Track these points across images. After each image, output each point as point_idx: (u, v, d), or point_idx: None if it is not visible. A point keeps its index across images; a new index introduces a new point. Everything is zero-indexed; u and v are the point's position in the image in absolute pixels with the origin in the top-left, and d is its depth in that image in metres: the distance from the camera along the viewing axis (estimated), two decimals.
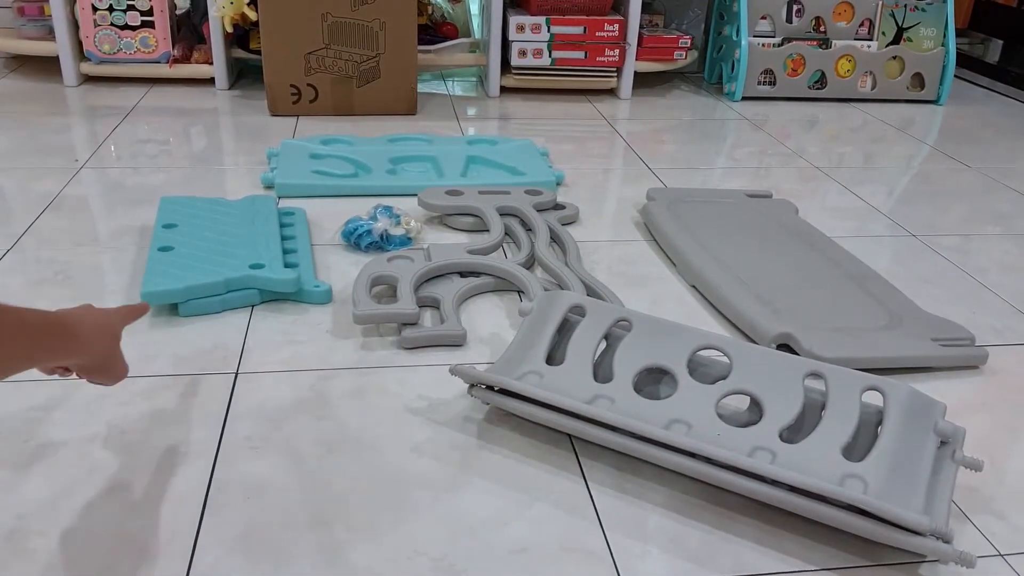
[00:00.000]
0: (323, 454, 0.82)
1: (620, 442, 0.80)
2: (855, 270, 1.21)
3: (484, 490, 0.79)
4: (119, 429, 0.84)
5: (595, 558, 0.72)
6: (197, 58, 2.02)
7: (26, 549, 0.70)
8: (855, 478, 0.74)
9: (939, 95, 2.26)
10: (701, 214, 1.36)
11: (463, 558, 0.71)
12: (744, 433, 0.80)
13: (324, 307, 1.09)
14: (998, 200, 1.61)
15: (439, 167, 1.53)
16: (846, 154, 1.83)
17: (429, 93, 2.13)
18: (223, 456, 0.81)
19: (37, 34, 2.00)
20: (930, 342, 1.03)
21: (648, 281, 1.21)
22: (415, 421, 0.88)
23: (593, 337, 0.92)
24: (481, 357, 1.00)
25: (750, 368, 0.86)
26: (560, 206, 1.40)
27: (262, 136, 1.73)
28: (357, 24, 1.81)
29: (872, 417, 0.82)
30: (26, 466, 0.79)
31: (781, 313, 1.07)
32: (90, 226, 1.29)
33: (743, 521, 0.77)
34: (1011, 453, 0.88)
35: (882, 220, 1.48)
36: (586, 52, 2.08)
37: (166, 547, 0.70)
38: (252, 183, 1.48)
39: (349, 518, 0.75)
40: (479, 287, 1.14)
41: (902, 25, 2.23)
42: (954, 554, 0.69)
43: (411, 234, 1.26)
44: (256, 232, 1.19)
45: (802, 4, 2.18)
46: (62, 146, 1.62)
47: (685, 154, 1.78)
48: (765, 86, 2.20)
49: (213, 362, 0.96)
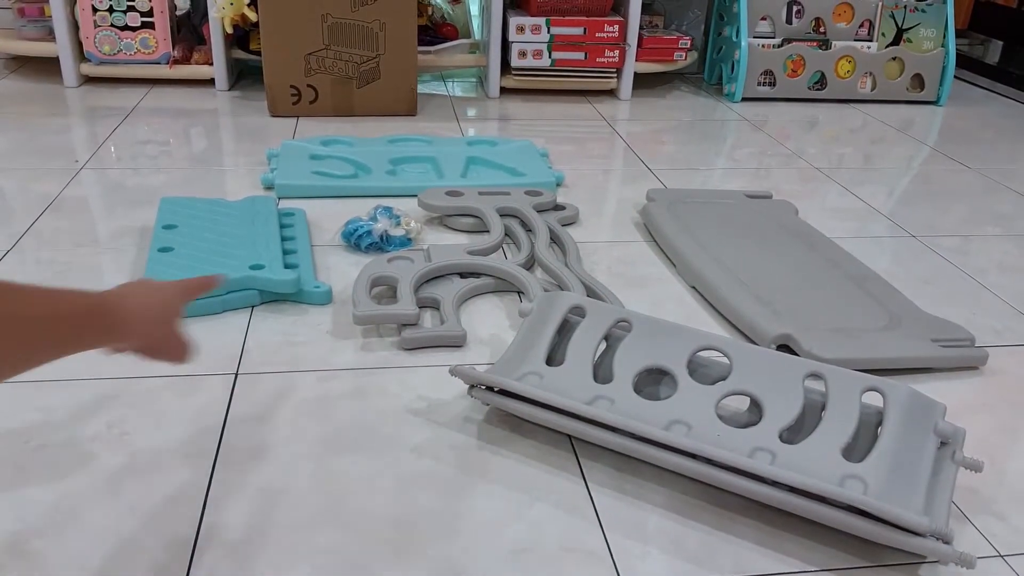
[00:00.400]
0: (323, 455, 0.82)
1: (620, 443, 0.80)
2: (855, 271, 1.21)
3: (484, 491, 0.79)
4: (119, 430, 0.84)
5: (595, 559, 0.72)
6: (197, 59, 2.02)
7: (26, 550, 0.69)
8: (855, 479, 0.74)
9: (939, 96, 2.26)
10: (701, 215, 1.36)
11: (463, 558, 0.71)
12: (744, 434, 0.80)
13: (324, 308, 1.09)
14: (998, 201, 1.61)
15: (439, 168, 1.53)
16: (846, 155, 1.83)
17: (429, 94, 2.13)
18: (223, 457, 0.81)
19: (37, 35, 2.01)
20: (930, 343, 1.03)
21: (648, 282, 1.22)
22: (415, 422, 0.88)
23: (593, 338, 0.92)
24: (481, 358, 1.00)
25: (750, 369, 0.86)
26: (560, 207, 1.40)
27: (262, 137, 1.73)
28: (357, 25, 1.81)
29: (872, 418, 0.82)
30: (26, 467, 0.79)
31: (781, 314, 1.07)
32: (90, 227, 1.29)
33: (743, 522, 0.77)
34: (1011, 454, 0.88)
35: (882, 221, 1.48)
36: (586, 53, 2.08)
37: (166, 548, 0.70)
38: (252, 184, 1.48)
39: (349, 519, 0.75)
40: (479, 288, 1.14)
41: (902, 26, 2.23)
42: (954, 555, 0.69)
43: (411, 235, 1.26)
44: (256, 233, 1.19)
45: (802, 5, 2.18)
46: (62, 147, 1.62)
47: (685, 155, 1.78)
48: (765, 87, 2.20)
49: (213, 363, 0.96)
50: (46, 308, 0.53)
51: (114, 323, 0.61)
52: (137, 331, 0.64)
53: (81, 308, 0.57)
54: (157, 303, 0.66)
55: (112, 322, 0.60)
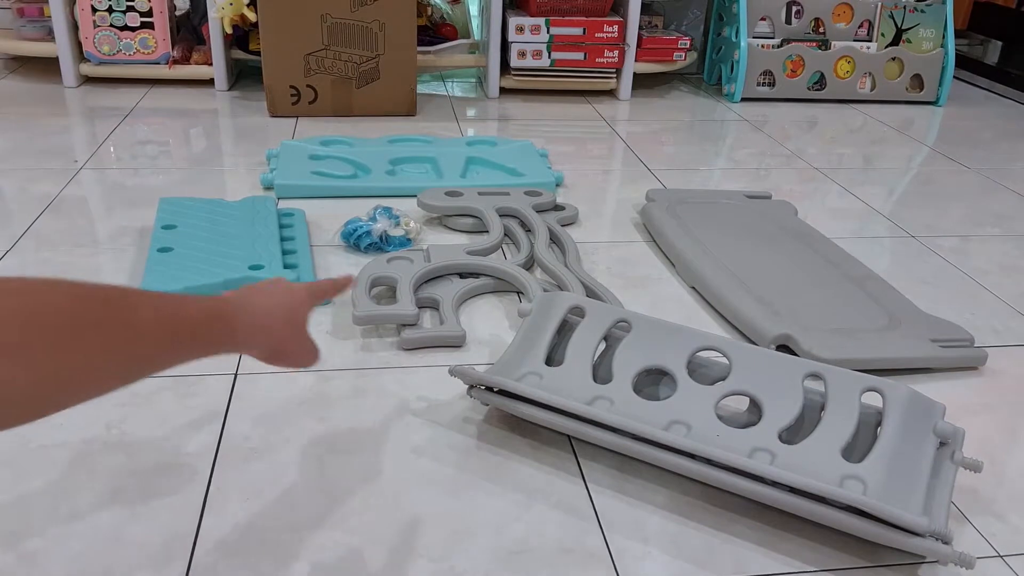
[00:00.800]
0: (322, 455, 0.82)
1: (619, 443, 0.80)
2: (854, 271, 1.21)
3: (483, 491, 0.79)
4: (119, 431, 0.84)
5: (594, 559, 0.72)
6: (196, 59, 2.02)
7: (26, 551, 0.69)
8: (854, 479, 0.74)
9: (938, 96, 2.26)
10: (700, 215, 1.36)
11: (462, 559, 0.71)
12: (743, 434, 0.80)
13: (323, 308, 1.09)
14: (997, 201, 1.61)
15: (438, 168, 1.53)
16: (845, 155, 1.83)
17: (428, 94, 2.13)
18: (222, 457, 0.81)
19: (37, 35, 2.00)
20: (929, 343, 1.03)
21: (647, 282, 1.22)
22: (414, 422, 0.88)
23: (592, 338, 0.92)
24: (480, 358, 1.00)
25: (749, 369, 0.86)
26: (559, 207, 1.40)
27: (261, 137, 1.73)
28: (357, 25, 1.81)
29: (871, 418, 0.82)
30: (26, 468, 0.79)
31: (780, 314, 1.07)
32: (89, 227, 1.29)
33: (743, 522, 0.77)
34: (1010, 454, 0.88)
35: (881, 221, 1.48)
36: (585, 53, 2.08)
37: (165, 548, 0.70)
38: (251, 184, 1.48)
39: (348, 520, 0.75)
40: (478, 288, 1.14)
41: (901, 26, 2.23)
42: (953, 555, 0.69)
43: (410, 235, 1.26)
44: (255, 233, 1.19)
45: (801, 5, 2.18)
46: (61, 147, 1.62)
47: (684, 155, 1.78)
48: (764, 87, 2.20)
49: (212, 363, 0.96)
50: (166, 316, 0.52)
51: (237, 329, 0.59)
52: (261, 336, 0.62)
53: (203, 315, 0.56)
54: (283, 307, 0.65)
55: (235, 327, 0.59)
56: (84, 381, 0.47)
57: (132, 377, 0.50)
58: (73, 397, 0.47)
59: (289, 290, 0.66)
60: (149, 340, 0.50)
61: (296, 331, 0.66)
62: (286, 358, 0.67)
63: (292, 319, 0.66)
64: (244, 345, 0.61)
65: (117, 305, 0.49)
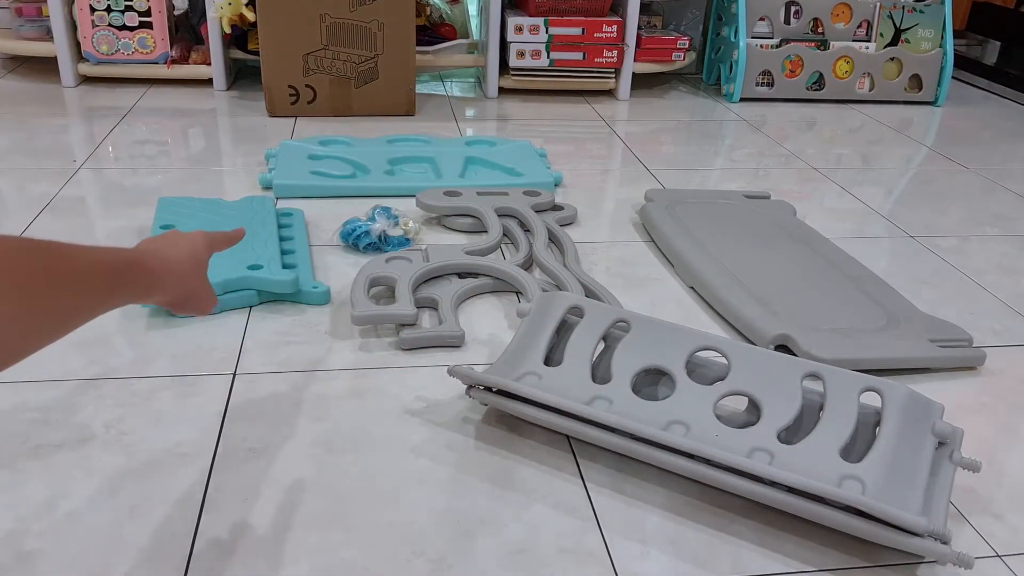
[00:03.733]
0: (321, 455, 0.82)
1: (618, 443, 0.80)
2: (853, 271, 1.21)
3: (482, 491, 0.79)
4: (117, 430, 0.84)
5: (594, 559, 0.72)
6: (195, 59, 2.02)
7: (24, 551, 0.69)
8: (853, 479, 0.74)
9: (937, 96, 2.26)
10: (699, 215, 1.36)
11: (461, 559, 0.71)
12: (742, 434, 0.80)
13: (322, 308, 1.09)
14: (996, 201, 1.61)
15: (437, 168, 1.53)
16: (844, 155, 1.83)
17: (427, 94, 2.13)
18: (221, 457, 0.81)
19: (35, 35, 2.00)
20: (928, 343, 1.03)
21: (646, 282, 1.22)
22: (413, 422, 0.88)
23: (591, 338, 0.92)
24: (479, 358, 1.00)
25: (748, 369, 0.86)
26: (558, 207, 1.40)
27: (260, 137, 1.73)
28: (355, 25, 1.81)
29: (870, 418, 0.82)
30: (24, 467, 0.79)
31: (779, 314, 1.07)
32: (88, 227, 1.29)
33: (742, 522, 0.77)
34: (1009, 454, 0.88)
35: (880, 221, 1.48)
36: (584, 53, 2.08)
37: (164, 548, 0.70)
38: (250, 184, 1.48)
39: (347, 519, 0.75)
40: (477, 288, 1.14)
41: (900, 26, 2.23)
42: (952, 555, 0.69)
43: (409, 235, 1.26)
44: (254, 233, 1.19)
45: (800, 5, 2.18)
46: (60, 147, 1.62)
47: (683, 155, 1.78)
48: (763, 87, 2.21)
49: (211, 363, 0.96)
50: (86, 263, 0.54)
51: (151, 276, 0.62)
52: (170, 284, 0.65)
53: (121, 262, 0.58)
54: (189, 255, 0.68)
55: (149, 275, 0.62)
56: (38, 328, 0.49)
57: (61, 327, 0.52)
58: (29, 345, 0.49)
59: (190, 240, 0.69)
60: (88, 286, 0.53)
61: (198, 279, 0.70)
62: (192, 304, 0.71)
63: (195, 267, 0.69)
64: (159, 291, 0.64)
65: (58, 254, 0.51)
